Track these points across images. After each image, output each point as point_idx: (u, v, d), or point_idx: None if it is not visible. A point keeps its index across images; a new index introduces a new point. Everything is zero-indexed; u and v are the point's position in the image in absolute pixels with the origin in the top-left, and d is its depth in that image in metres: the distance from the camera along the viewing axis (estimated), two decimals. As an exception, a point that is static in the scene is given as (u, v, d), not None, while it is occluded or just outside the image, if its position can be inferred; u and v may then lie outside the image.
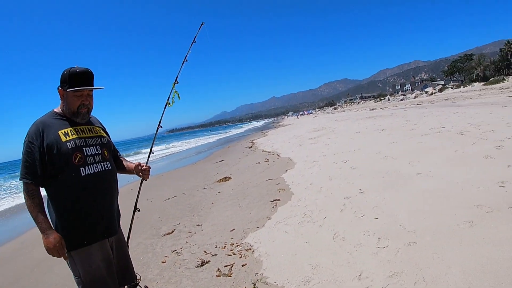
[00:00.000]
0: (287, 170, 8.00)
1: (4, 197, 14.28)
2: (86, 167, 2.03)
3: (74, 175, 1.98)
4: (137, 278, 2.49)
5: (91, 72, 2.12)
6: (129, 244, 2.52)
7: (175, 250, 4.05)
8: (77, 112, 2.10)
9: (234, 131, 63.68)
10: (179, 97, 2.89)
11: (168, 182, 9.75)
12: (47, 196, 2.05)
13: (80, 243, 2.02)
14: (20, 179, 1.96)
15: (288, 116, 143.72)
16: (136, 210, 2.68)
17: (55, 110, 2.15)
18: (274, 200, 5.48)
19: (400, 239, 3.27)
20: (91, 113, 2.27)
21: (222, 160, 12.70)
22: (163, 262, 3.75)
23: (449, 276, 2.52)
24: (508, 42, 46.40)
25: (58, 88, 2.11)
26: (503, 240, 2.87)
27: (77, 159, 2.00)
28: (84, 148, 2.06)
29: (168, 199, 7.10)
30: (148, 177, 2.57)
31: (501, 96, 17.57)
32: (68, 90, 2.05)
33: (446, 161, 5.70)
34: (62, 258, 1.99)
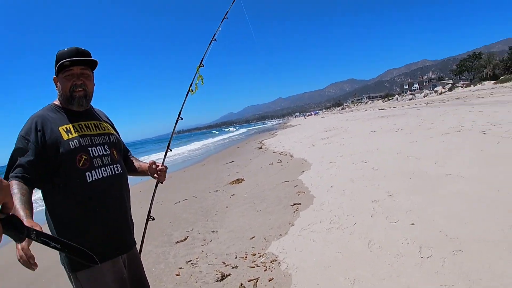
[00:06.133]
0: (303, 171, 7.61)
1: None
2: (93, 171, 1.66)
3: (78, 182, 1.62)
4: None
5: (83, 50, 1.76)
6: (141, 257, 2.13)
7: (190, 261, 3.64)
8: (70, 97, 1.73)
9: (241, 132, 63.18)
10: (202, 82, 2.50)
11: (177, 183, 9.39)
12: (45, 207, 1.67)
13: (88, 262, 1.63)
14: (5, 178, 1.51)
15: (295, 117, 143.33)
16: (150, 219, 2.27)
17: (55, 102, 1.79)
18: (294, 204, 5.08)
19: (443, 247, 2.90)
20: (98, 107, 1.94)
21: (233, 161, 12.32)
22: (177, 275, 3.34)
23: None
24: (518, 40, 45.92)
25: (53, 78, 1.78)
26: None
27: (81, 161, 1.64)
28: (90, 148, 1.69)
29: (179, 202, 6.72)
30: (164, 179, 2.15)
31: (516, 94, 17.03)
32: (58, 74, 1.73)
33: (473, 161, 5.30)
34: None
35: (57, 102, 1.77)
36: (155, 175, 2.09)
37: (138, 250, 2.11)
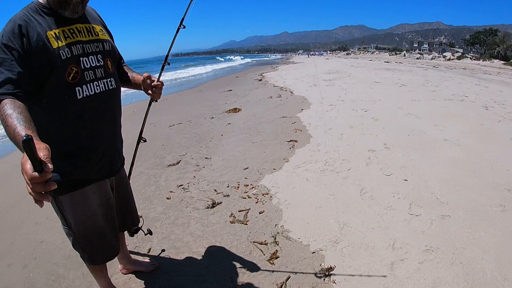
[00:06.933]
0: (302, 109, 7.45)
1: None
2: (84, 86, 1.40)
3: (67, 98, 1.37)
4: (140, 221, 2.04)
5: None
6: (130, 179, 2.03)
7: (182, 185, 3.61)
8: (64, 1, 1.36)
9: (246, 61, 61.03)
10: None
11: (173, 106, 9.20)
12: None
13: (72, 185, 1.49)
14: None
15: (298, 54, 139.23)
16: (141, 141, 2.11)
17: (40, 0, 1.40)
18: (291, 141, 5.01)
19: (432, 209, 2.90)
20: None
21: (231, 90, 12.03)
22: (168, 198, 3.32)
23: (485, 263, 2.19)
24: (539, 29, 43.39)
25: None
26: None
27: (72, 74, 1.36)
28: (81, 59, 1.40)
29: (173, 125, 6.60)
30: (159, 97, 1.86)
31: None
32: None
33: (472, 132, 5.20)
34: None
35: (42, 1, 1.39)
36: (149, 91, 1.80)
37: (128, 172, 2.00)
